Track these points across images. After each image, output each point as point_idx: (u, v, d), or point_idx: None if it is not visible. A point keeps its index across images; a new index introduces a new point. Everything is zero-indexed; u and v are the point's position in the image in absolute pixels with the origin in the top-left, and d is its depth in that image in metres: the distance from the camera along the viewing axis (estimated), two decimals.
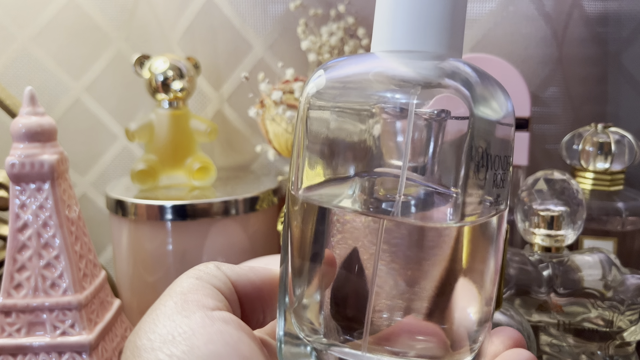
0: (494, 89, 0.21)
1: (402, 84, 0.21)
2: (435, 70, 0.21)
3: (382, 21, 0.22)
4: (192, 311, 0.20)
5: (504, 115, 0.21)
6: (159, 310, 0.21)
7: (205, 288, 0.21)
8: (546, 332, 0.44)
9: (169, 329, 0.19)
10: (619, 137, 0.50)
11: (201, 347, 0.19)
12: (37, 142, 0.41)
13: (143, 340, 0.19)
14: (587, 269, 0.43)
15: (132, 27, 0.64)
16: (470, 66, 0.21)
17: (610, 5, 0.59)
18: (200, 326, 0.19)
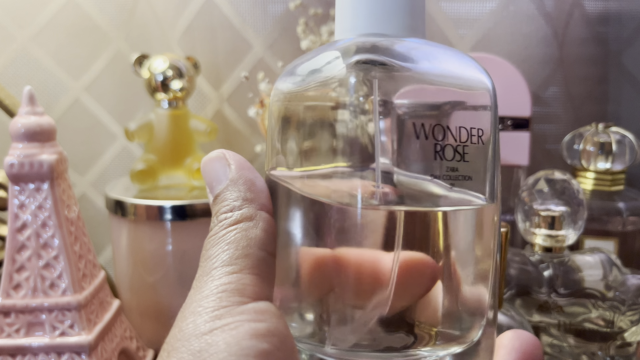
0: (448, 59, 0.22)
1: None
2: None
3: (342, 9, 0.22)
4: (242, 299, 0.19)
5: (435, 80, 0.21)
6: (209, 291, 0.19)
7: (255, 265, 0.20)
8: (547, 332, 0.44)
9: (216, 316, 0.18)
10: (619, 137, 0.50)
11: (245, 340, 0.18)
12: (36, 142, 0.41)
13: (189, 325, 0.19)
14: (587, 269, 0.42)
15: (132, 27, 0.64)
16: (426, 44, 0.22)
17: (610, 5, 0.59)
18: (248, 320, 0.18)
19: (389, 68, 0.21)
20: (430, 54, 0.22)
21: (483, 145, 0.21)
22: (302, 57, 0.23)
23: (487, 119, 0.22)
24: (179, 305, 0.21)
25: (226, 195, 0.21)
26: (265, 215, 0.21)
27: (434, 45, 0.22)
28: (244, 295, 0.19)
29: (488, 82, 0.22)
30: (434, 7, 0.60)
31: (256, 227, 0.20)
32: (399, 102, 0.21)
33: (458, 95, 0.22)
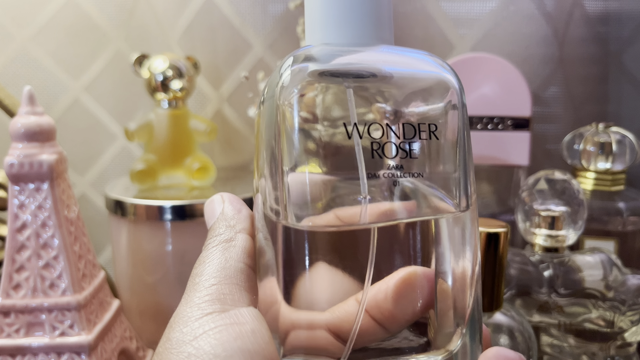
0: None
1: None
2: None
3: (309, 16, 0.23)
4: (225, 306, 0.20)
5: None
6: (193, 303, 0.21)
7: (237, 274, 0.22)
8: (547, 332, 0.44)
9: (201, 323, 0.20)
10: (620, 137, 0.50)
11: (230, 342, 0.19)
12: (36, 142, 0.41)
13: (176, 333, 0.20)
14: (588, 269, 0.42)
15: (131, 27, 0.64)
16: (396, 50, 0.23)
17: (611, 5, 0.59)
18: (232, 323, 0.20)
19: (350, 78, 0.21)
20: (388, 60, 0.22)
21: (438, 140, 0.21)
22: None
23: (449, 116, 0.21)
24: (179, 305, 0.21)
25: (214, 226, 0.24)
26: (244, 236, 0.23)
27: (399, 50, 0.22)
28: (225, 303, 0.21)
29: (453, 81, 0.22)
30: (434, 7, 0.60)
31: (234, 246, 0.23)
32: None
33: (416, 94, 0.22)
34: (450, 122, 0.22)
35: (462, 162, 0.22)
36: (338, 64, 0.22)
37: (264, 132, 0.22)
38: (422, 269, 0.21)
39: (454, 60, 0.54)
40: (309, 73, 0.21)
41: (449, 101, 0.22)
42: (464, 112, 0.22)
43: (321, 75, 0.21)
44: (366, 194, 0.20)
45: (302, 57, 0.21)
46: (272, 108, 0.21)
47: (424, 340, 0.21)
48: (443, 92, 0.22)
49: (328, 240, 0.21)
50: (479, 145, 0.54)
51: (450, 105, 0.22)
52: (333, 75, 0.21)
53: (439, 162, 0.21)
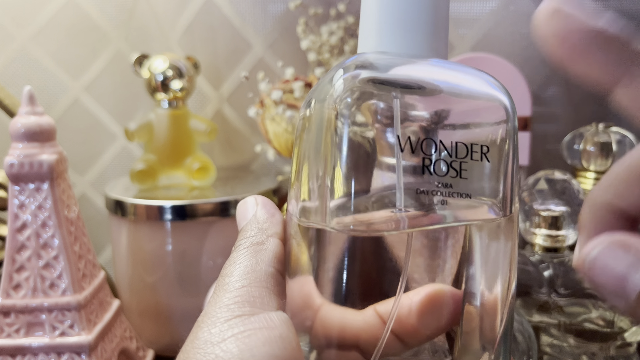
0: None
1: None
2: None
3: (364, 23, 0.23)
4: (255, 310, 0.20)
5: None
6: (222, 304, 0.21)
7: (267, 278, 0.22)
8: (547, 332, 0.44)
9: (230, 325, 0.20)
10: (620, 137, 0.50)
11: (259, 347, 0.19)
12: (36, 142, 0.41)
13: (204, 333, 0.20)
14: None
15: (132, 27, 0.64)
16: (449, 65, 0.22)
17: (611, 5, 0.59)
18: (261, 328, 0.20)
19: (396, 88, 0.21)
20: (441, 74, 0.22)
21: (489, 163, 0.21)
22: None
23: (500, 136, 0.21)
24: (179, 305, 0.21)
25: (246, 227, 0.24)
26: (275, 240, 0.23)
27: (452, 64, 0.22)
28: (254, 306, 0.20)
29: (507, 104, 0.21)
30: None
31: (265, 249, 0.23)
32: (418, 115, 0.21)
33: (468, 113, 0.21)
34: (500, 141, 0.21)
35: (510, 182, 0.21)
36: (390, 73, 0.21)
37: (309, 139, 0.21)
38: (449, 288, 0.21)
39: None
40: (360, 80, 0.20)
41: (500, 121, 0.21)
42: (515, 132, 0.21)
43: (370, 83, 0.21)
44: (402, 206, 0.20)
45: (353, 65, 0.21)
46: (322, 116, 0.21)
47: (450, 358, 0.21)
48: (494, 114, 0.21)
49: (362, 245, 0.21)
50: None
51: (502, 128, 0.21)
52: (382, 84, 0.21)
53: (486, 180, 0.21)
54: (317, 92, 0.21)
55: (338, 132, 0.20)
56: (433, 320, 0.21)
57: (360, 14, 0.23)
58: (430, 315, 0.21)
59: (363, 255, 0.21)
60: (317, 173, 0.20)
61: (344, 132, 0.20)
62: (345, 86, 0.20)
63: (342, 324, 0.21)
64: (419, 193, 0.20)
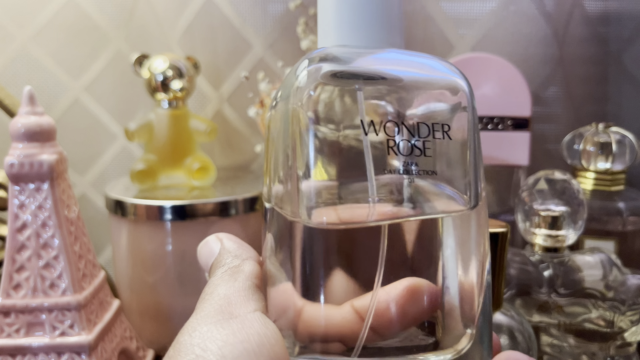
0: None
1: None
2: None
3: (322, 18, 0.24)
4: (234, 314, 0.21)
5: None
6: (204, 312, 0.22)
7: (245, 289, 0.23)
8: (547, 332, 0.44)
9: (210, 328, 0.21)
10: (620, 137, 0.50)
11: (236, 344, 0.20)
12: (36, 142, 0.41)
13: (185, 337, 0.21)
14: (587, 269, 0.42)
15: (132, 27, 0.64)
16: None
17: (611, 5, 0.59)
18: (239, 327, 0.21)
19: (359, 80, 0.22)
20: (400, 63, 0.23)
21: (451, 140, 0.22)
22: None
23: (460, 118, 0.22)
24: (179, 305, 0.22)
25: (218, 259, 0.25)
26: (251, 261, 0.24)
27: (409, 54, 0.23)
28: (232, 312, 0.21)
29: (463, 85, 0.22)
30: (434, 7, 0.60)
31: (243, 271, 0.23)
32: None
33: (428, 98, 0.22)
34: (460, 124, 0.22)
35: (472, 164, 0.22)
36: (353, 65, 0.22)
37: (276, 135, 0.22)
38: (426, 282, 0.21)
39: (454, 60, 0.54)
40: (322, 75, 0.21)
41: (458, 103, 0.22)
42: (474, 115, 0.22)
43: (333, 77, 0.22)
44: (374, 195, 0.21)
45: (317, 58, 0.22)
46: (287, 110, 0.21)
47: (433, 340, 0.22)
48: (453, 95, 0.22)
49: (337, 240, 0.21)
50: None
51: (461, 108, 0.22)
52: (344, 77, 0.22)
53: (450, 162, 0.22)
54: (283, 86, 0.22)
55: (302, 124, 0.21)
56: (412, 313, 0.21)
57: (318, 10, 0.24)
58: (409, 310, 0.21)
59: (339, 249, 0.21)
60: (287, 165, 0.21)
61: (309, 124, 0.21)
62: (309, 79, 0.21)
63: (324, 322, 0.21)
64: (386, 173, 0.21)
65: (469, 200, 0.22)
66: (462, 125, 0.22)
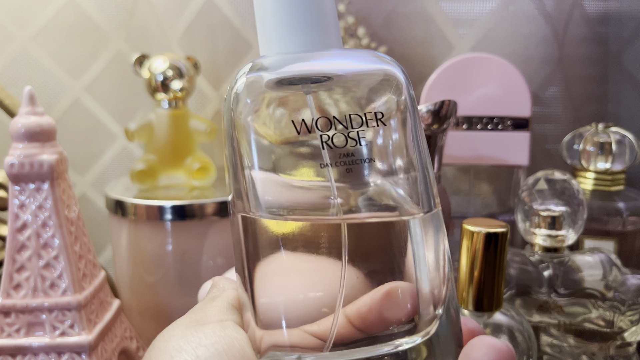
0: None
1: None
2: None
3: (264, 28, 0.25)
4: (207, 321, 0.23)
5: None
6: (179, 322, 0.23)
7: (221, 306, 0.24)
8: (547, 332, 0.44)
9: (184, 332, 0.22)
10: (619, 137, 0.50)
11: (208, 346, 0.21)
12: (36, 142, 0.41)
13: (160, 342, 0.23)
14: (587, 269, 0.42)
15: (132, 27, 0.64)
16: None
17: (611, 5, 0.59)
18: (211, 331, 0.22)
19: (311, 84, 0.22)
20: (339, 62, 0.24)
21: (386, 126, 0.22)
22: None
23: (392, 102, 0.23)
24: (179, 305, 0.22)
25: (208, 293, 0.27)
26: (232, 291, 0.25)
27: (345, 52, 0.24)
28: (207, 320, 0.23)
29: (395, 71, 0.23)
30: (434, 7, 0.60)
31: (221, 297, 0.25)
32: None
33: (365, 89, 0.23)
34: (395, 110, 0.23)
35: (417, 154, 0.23)
36: (291, 70, 0.23)
37: (225, 142, 0.24)
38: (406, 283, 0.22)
39: (454, 60, 0.54)
40: (266, 83, 0.22)
41: (393, 92, 0.23)
42: (413, 103, 0.23)
43: (278, 84, 0.23)
44: (336, 194, 0.22)
45: (257, 66, 0.23)
46: (229, 113, 0.23)
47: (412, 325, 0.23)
48: (387, 85, 0.23)
49: (295, 234, 0.22)
50: (479, 145, 0.54)
51: (395, 96, 0.23)
52: (291, 83, 0.23)
53: (390, 149, 0.23)
54: (227, 94, 0.23)
55: (245, 131, 0.22)
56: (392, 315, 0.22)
57: (256, 20, 0.25)
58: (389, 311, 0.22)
59: (299, 240, 0.22)
60: (237, 169, 0.23)
61: (250, 132, 0.22)
62: (246, 88, 0.22)
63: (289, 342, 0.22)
64: (323, 167, 0.22)
65: (421, 203, 0.23)
66: (397, 109, 0.23)
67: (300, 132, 0.22)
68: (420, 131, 0.23)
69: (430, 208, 0.23)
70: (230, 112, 0.22)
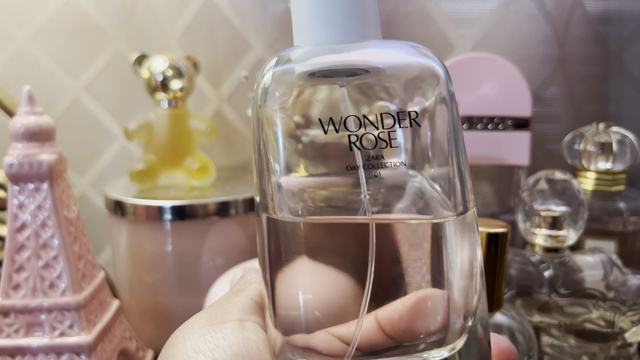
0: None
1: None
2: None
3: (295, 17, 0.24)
4: (227, 320, 0.22)
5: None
6: (199, 317, 0.23)
7: (243, 303, 0.23)
8: (547, 332, 0.44)
9: (202, 331, 0.22)
10: (620, 137, 0.50)
11: (226, 348, 0.21)
12: (35, 142, 0.41)
13: (178, 339, 0.22)
14: (588, 269, 0.42)
15: (131, 26, 0.64)
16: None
17: (611, 5, 0.59)
18: (230, 331, 0.21)
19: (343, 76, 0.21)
20: (377, 54, 0.22)
21: (419, 127, 0.21)
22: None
23: (431, 100, 0.21)
24: (179, 305, 0.22)
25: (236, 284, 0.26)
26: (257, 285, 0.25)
27: (384, 44, 0.23)
28: (226, 318, 0.22)
29: (436, 66, 0.22)
30: (434, 7, 0.60)
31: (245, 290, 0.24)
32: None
33: (404, 85, 0.22)
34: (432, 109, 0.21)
35: (454, 153, 0.21)
36: (324, 62, 0.22)
37: (254, 136, 0.22)
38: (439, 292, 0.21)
39: (454, 60, 0.54)
40: (297, 75, 0.21)
41: (433, 89, 0.22)
42: (452, 101, 0.22)
43: (311, 76, 0.21)
44: (366, 192, 0.20)
45: (284, 58, 0.22)
46: (256, 110, 0.22)
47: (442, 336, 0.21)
48: (427, 82, 0.22)
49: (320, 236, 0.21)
50: (479, 145, 0.54)
51: (435, 94, 0.22)
52: (324, 76, 0.22)
53: (425, 151, 0.21)
54: (255, 89, 0.22)
55: (270, 124, 0.21)
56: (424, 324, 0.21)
57: (291, 10, 0.24)
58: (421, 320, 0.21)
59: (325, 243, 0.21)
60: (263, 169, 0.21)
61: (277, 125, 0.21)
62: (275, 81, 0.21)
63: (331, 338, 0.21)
64: (350, 170, 0.20)
65: (455, 204, 0.21)
66: (434, 107, 0.21)
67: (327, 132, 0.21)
68: (458, 129, 0.22)
69: (466, 209, 0.22)
70: (258, 108, 0.21)
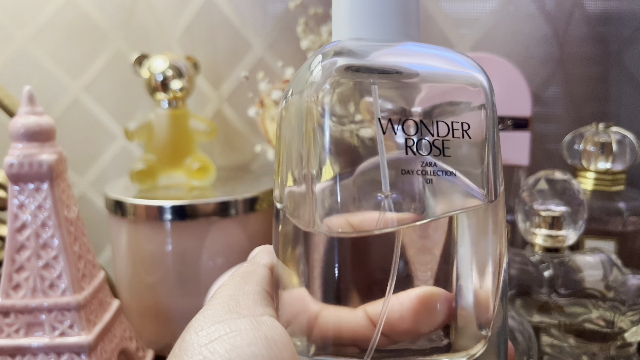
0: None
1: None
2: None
3: (337, 11, 0.23)
4: (242, 315, 0.21)
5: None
6: (211, 311, 0.21)
7: (254, 293, 0.22)
8: (547, 332, 0.44)
9: (217, 328, 0.20)
10: (620, 137, 0.50)
11: (243, 348, 0.19)
12: (35, 142, 0.41)
13: (191, 335, 0.20)
14: (588, 269, 0.42)
15: (131, 26, 0.64)
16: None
17: (611, 5, 0.59)
18: (247, 329, 0.20)
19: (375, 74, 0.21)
20: (417, 57, 0.22)
21: (470, 139, 0.21)
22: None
23: (478, 115, 0.21)
24: (179, 305, 0.21)
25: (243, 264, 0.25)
26: (265, 268, 0.24)
27: (426, 47, 0.22)
28: (240, 312, 0.21)
29: (483, 81, 0.21)
30: (434, 6, 0.60)
31: (255, 275, 0.23)
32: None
33: (446, 93, 0.21)
34: (479, 121, 0.21)
35: (491, 163, 0.21)
36: (368, 59, 0.21)
37: (289, 133, 0.21)
38: (440, 291, 0.21)
39: None
40: (337, 69, 0.20)
41: (478, 101, 0.21)
42: (494, 111, 0.22)
43: (348, 71, 0.21)
44: (387, 192, 0.20)
45: (331, 52, 0.21)
46: (300, 106, 0.21)
47: (446, 341, 0.21)
48: (472, 93, 0.21)
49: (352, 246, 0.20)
50: None
51: (479, 105, 0.21)
52: (360, 71, 0.21)
53: (469, 162, 0.21)
54: (296, 81, 0.21)
55: (318, 120, 0.20)
56: (426, 322, 0.21)
57: (332, 2, 0.23)
58: (422, 318, 0.21)
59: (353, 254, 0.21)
60: (301, 163, 0.21)
61: (324, 121, 0.20)
62: (324, 74, 0.20)
63: (338, 326, 0.21)
64: (404, 174, 0.20)
65: (486, 193, 0.21)
66: (480, 123, 0.21)
67: (385, 132, 0.20)
68: (498, 137, 0.22)
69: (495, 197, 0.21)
70: (303, 104, 0.21)
